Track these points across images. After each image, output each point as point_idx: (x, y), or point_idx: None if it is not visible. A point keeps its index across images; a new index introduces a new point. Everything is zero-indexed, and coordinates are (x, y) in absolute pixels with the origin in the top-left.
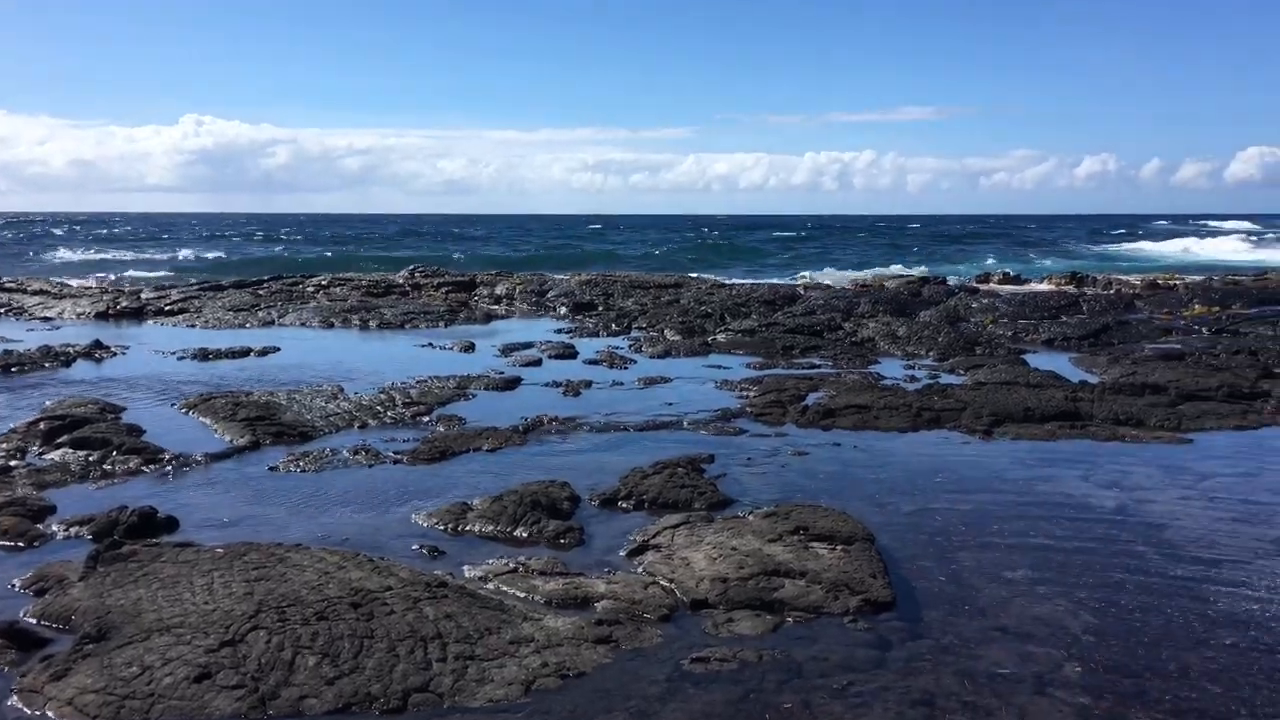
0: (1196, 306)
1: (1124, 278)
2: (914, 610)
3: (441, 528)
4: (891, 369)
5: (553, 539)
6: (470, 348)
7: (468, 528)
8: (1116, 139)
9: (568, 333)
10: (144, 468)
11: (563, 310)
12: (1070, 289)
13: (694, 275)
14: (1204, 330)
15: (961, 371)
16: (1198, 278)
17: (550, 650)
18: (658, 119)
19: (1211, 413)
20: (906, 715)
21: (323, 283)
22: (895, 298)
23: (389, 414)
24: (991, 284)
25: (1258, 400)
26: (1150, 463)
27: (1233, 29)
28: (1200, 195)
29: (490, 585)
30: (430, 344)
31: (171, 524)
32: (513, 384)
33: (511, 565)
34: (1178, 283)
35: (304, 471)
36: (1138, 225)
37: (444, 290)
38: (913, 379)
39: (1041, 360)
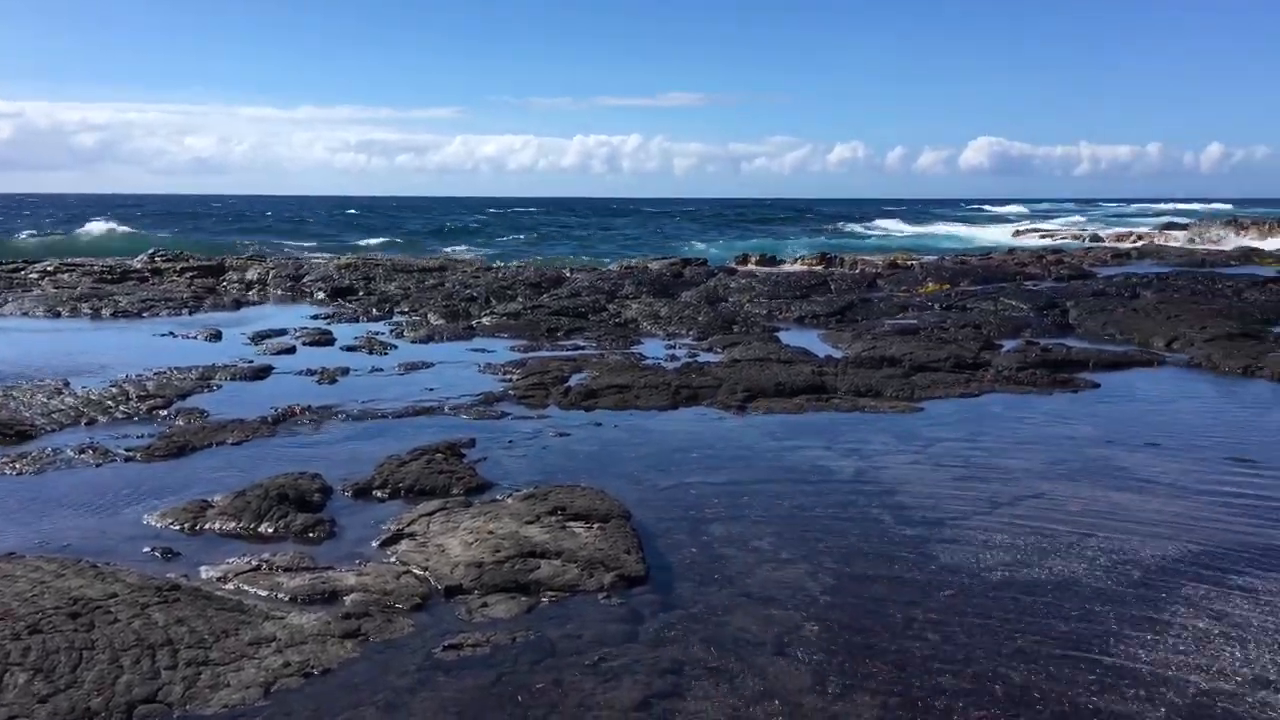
0: (930, 284)
1: (868, 258)
2: (667, 582)
3: (178, 528)
4: (653, 349)
5: (301, 533)
6: (217, 336)
7: (207, 526)
8: (865, 128)
9: (325, 318)
10: None
11: (320, 295)
12: (820, 269)
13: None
14: (936, 306)
15: (719, 350)
16: (931, 257)
17: (293, 649)
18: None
19: (940, 382)
20: (655, 685)
21: (48, 269)
22: (658, 279)
23: (121, 409)
24: (749, 265)
25: (979, 370)
26: (886, 431)
27: (966, 27)
28: (938, 180)
29: (230, 585)
30: (172, 333)
31: None
32: (263, 373)
33: (254, 563)
34: (914, 262)
35: (20, 474)
36: (883, 208)
37: (189, 275)
38: (673, 358)
39: (793, 337)
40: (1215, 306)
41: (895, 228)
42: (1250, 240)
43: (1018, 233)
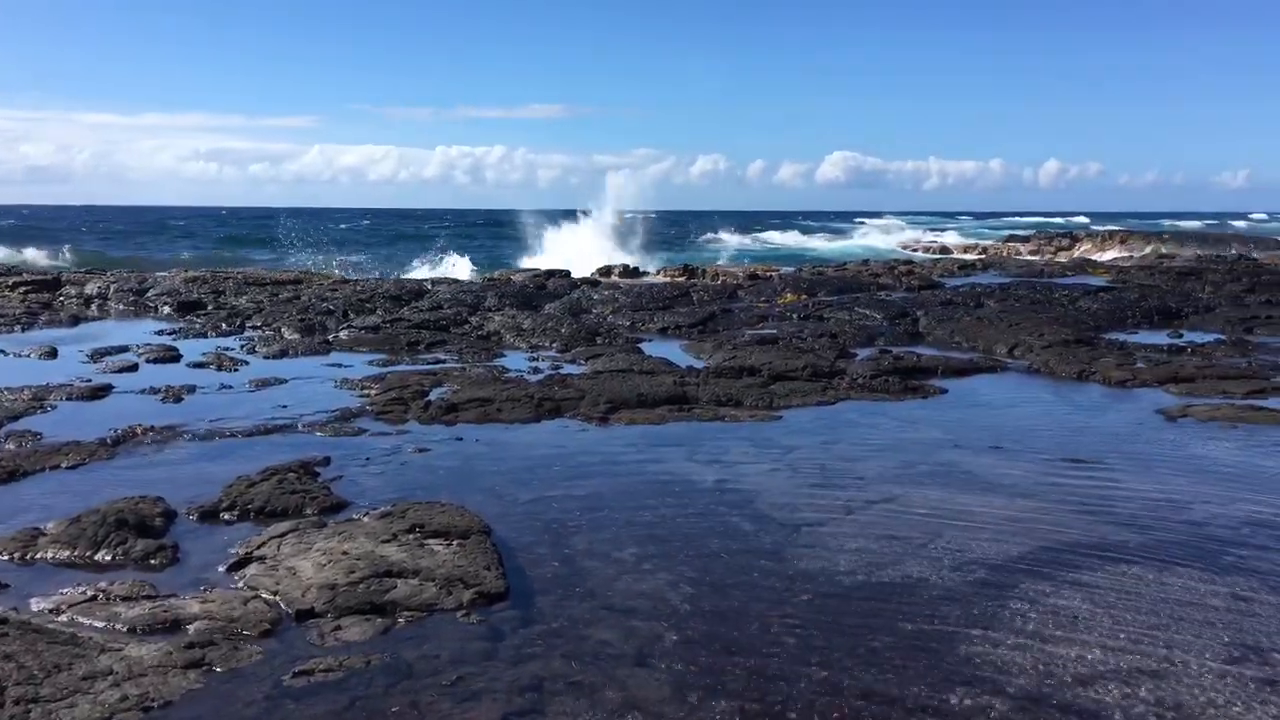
0: (789, 295)
1: (729, 269)
2: (527, 598)
3: (6, 558)
4: (516, 361)
5: (141, 560)
6: (52, 354)
7: (39, 555)
8: (726, 141)
9: (171, 334)
10: None
11: (166, 310)
12: (682, 280)
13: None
14: (794, 316)
15: (582, 361)
16: (790, 268)
17: (131, 682)
18: (278, 107)
19: (798, 391)
20: (515, 702)
21: None
22: (521, 291)
23: None
24: (613, 276)
25: (835, 378)
26: (746, 439)
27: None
28: (797, 193)
29: (63, 617)
30: (2, 351)
31: None
32: (102, 392)
33: (90, 593)
34: (773, 273)
35: None
36: (744, 220)
37: (21, 290)
38: (536, 370)
39: (656, 348)
40: (1052, 315)
41: (756, 238)
42: (1085, 252)
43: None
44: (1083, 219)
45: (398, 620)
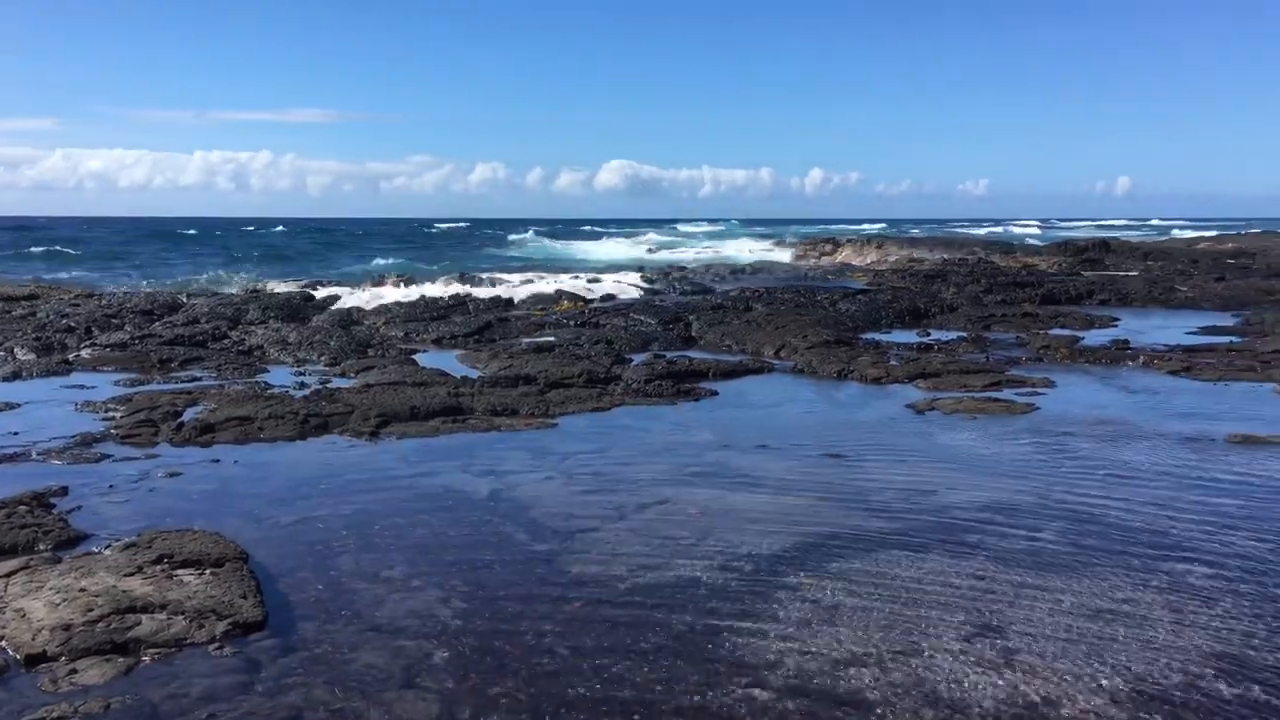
0: (565, 302)
1: (507, 277)
2: (288, 625)
3: None
4: (281, 377)
5: None
6: None
7: None
8: (504, 148)
9: None
10: None
11: None
12: (459, 289)
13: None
14: (571, 324)
15: (353, 374)
16: (565, 276)
17: None
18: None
19: (574, 398)
20: None
21: None
22: (287, 303)
23: None
24: (387, 286)
25: (611, 384)
26: (522, 448)
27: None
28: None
29: None
30: None
31: None
32: None
33: None
34: (550, 280)
35: None
36: (525, 227)
37: None
38: (302, 385)
39: (431, 359)
40: (815, 317)
41: (534, 246)
42: (846, 257)
43: (651, 250)
44: (844, 225)
45: (142, 659)
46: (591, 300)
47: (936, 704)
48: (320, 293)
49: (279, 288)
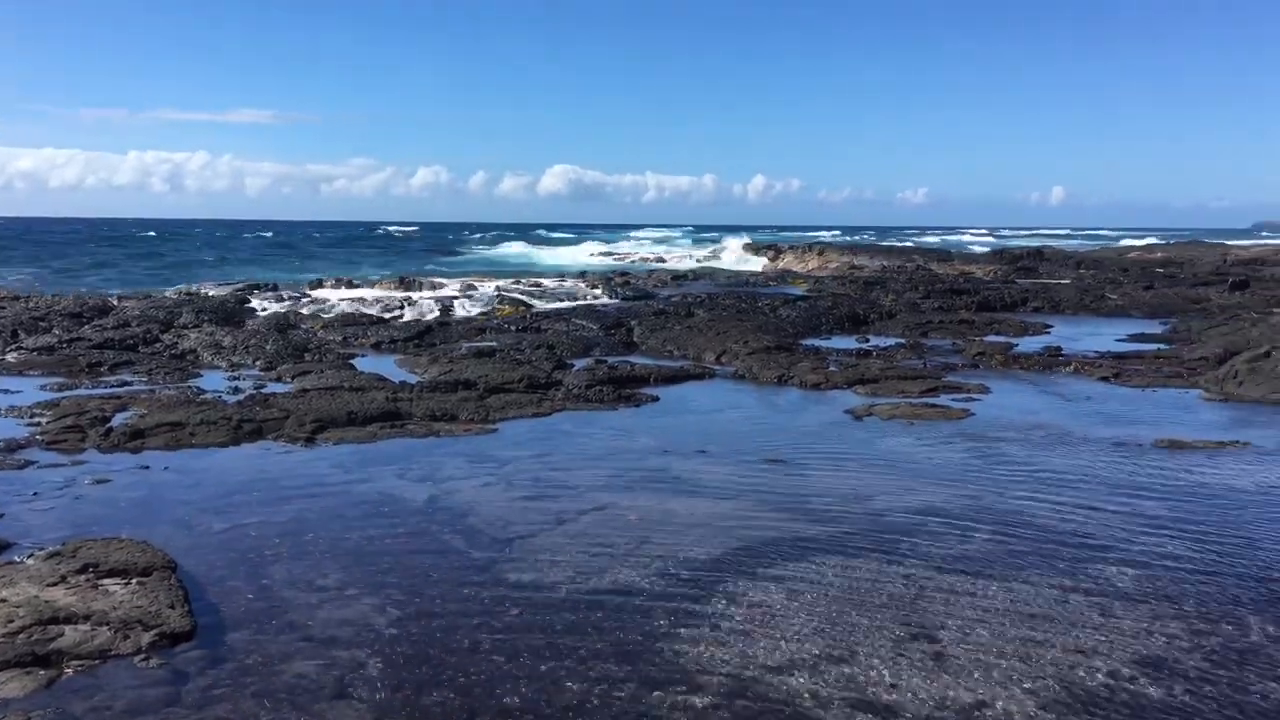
0: (506, 307)
1: (446, 281)
2: (217, 635)
3: None
4: (214, 381)
5: None
6: None
7: None
8: (447, 152)
9: None
10: None
11: None
12: (399, 293)
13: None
14: (513, 328)
15: (289, 379)
16: (506, 280)
17: None
18: None
19: (514, 403)
20: None
21: None
22: (222, 306)
23: None
24: (325, 289)
25: (552, 389)
26: (461, 454)
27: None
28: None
29: None
30: None
31: None
32: None
33: None
34: (491, 285)
35: None
36: (465, 231)
37: None
38: (236, 390)
39: (369, 363)
40: (756, 323)
41: (476, 251)
42: (787, 263)
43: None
44: (787, 233)
45: (65, 671)
46: (533, 307)
47: (870, 707)
48: (257, 296)
49: (214, 290)
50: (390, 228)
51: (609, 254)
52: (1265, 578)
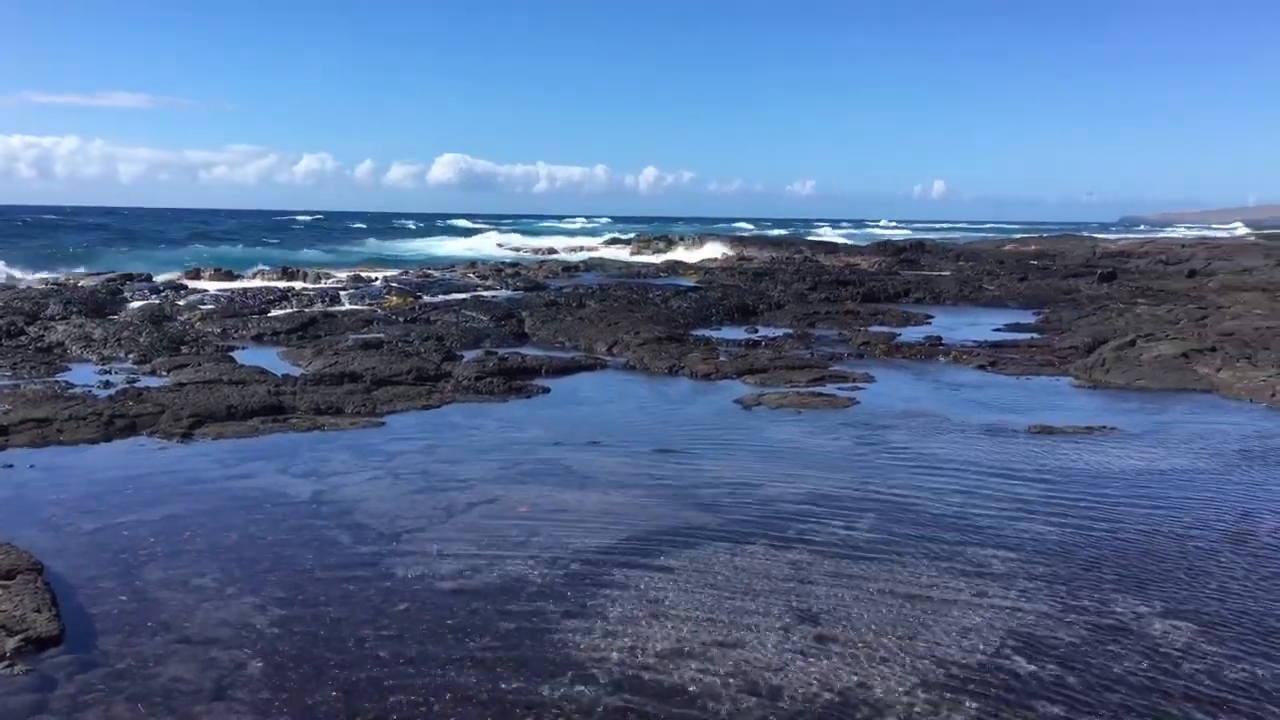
0: (394, 298)
1: (332, 271)
2: (87, 639)
3: None
4: (84, 375)
5: None
6: None
7: None
8: (333, 139)
9: None
10: None
11: None
12: (282, 284)
13: None
14: (401, 320)
15: (165, 373)
16: (396, 271)
17: None
18: None
19: (402, 395)
20: None
21: None
22: (92, 297)
23: None
24: (203, 280)
25: (441, 381)
26: (346, 448)
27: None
28: (408, 194)
29: None
30: None
31: None
32: None
33: None
34: (380, 276)
35: None
36: (352, 221)
37: None
38: (108, 384)
39: (251, 356)
40: (648, 313)
41: (364, 241)
42: (679, 254)
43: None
44: (679, 224)
45: None
46: (420, 298)
47: (757, 691)
48: (129, 286)
49: (84, 281)
50: (278, 218)
51: (501, 244)
52: (1128, 556)
